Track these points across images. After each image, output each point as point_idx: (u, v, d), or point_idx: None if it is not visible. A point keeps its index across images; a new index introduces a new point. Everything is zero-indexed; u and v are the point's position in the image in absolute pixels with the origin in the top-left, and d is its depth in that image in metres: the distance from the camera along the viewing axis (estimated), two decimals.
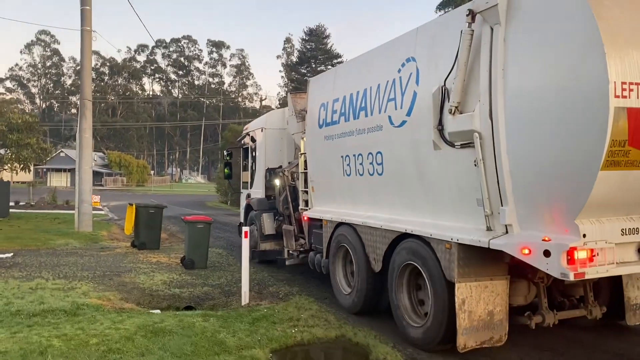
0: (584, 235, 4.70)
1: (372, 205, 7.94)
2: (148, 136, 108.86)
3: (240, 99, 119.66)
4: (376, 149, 7.54)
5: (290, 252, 11.21)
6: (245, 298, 8.69)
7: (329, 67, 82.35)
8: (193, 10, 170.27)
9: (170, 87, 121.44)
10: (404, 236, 6.91)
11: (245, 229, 9.05)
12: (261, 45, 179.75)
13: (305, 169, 10.29)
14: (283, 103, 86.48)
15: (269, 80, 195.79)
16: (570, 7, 4.65)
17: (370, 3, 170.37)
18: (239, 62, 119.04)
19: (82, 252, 13.97)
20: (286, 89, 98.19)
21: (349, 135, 8.27)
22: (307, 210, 10.17)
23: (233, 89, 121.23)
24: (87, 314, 7.50)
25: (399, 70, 6.93)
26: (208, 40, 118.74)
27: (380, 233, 7.44)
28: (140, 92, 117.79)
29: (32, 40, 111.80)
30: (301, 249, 10.86)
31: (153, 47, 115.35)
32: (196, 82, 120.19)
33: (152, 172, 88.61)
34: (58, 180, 71.70)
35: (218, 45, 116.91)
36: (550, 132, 4.79)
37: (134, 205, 14.79)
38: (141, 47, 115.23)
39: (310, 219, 10.09)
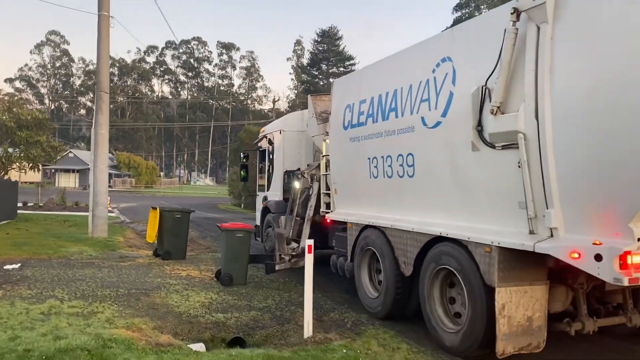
0: (639, 239, 4.55)
1: (401, 207, 7.79)
2: (157, 137, 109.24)
3: (249, 101, 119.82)
4: (407, 151, 7.39)
5: (282, 256, 10.87)
6: (308, 329, 7.21)
7: (341, 69, 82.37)
8: (203, 11, 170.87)
9: (179, 89, 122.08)
10: (437, 239, 6.75)
11: (309, 242, 7.42)
12: (271, 47, 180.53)
13: (326, 171, 10.17)
14: (292, 105, 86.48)
15: (278, 83, 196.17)
16: (623, 6, 4.51)
17: (383, 5, 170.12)
18: (249, 64, 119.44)
19: (100, 262, 12.47)
20: (296, 91, 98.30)
21: (377, 136, 8.13)
22: (328, 212, 10.04)
23: (242, 91, 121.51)
24: (118, 356, 5.76)
25: (434, 71, 6.80)
26: (218, 42, 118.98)
27: (411, 236, 7.28)
28: (149, 93, 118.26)
29: (41, 41, 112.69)
30: (293, 254, 10.63)
31: (163, 49, 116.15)
32: (205, 84, 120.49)
33: (161, 173, 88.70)
34: (66, 181, 72.02)
35: (228, 47, 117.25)
36: (602, 134, 4.65)
37: (157, 210, 13.21)
38: (151, 49, 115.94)
39: (333, 222, 9.95)
